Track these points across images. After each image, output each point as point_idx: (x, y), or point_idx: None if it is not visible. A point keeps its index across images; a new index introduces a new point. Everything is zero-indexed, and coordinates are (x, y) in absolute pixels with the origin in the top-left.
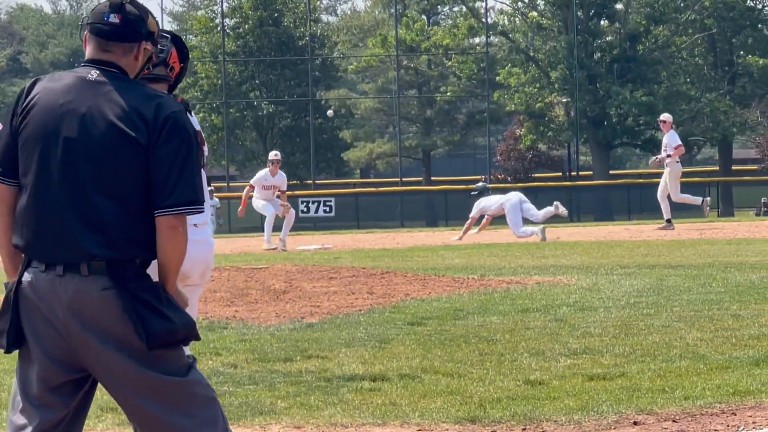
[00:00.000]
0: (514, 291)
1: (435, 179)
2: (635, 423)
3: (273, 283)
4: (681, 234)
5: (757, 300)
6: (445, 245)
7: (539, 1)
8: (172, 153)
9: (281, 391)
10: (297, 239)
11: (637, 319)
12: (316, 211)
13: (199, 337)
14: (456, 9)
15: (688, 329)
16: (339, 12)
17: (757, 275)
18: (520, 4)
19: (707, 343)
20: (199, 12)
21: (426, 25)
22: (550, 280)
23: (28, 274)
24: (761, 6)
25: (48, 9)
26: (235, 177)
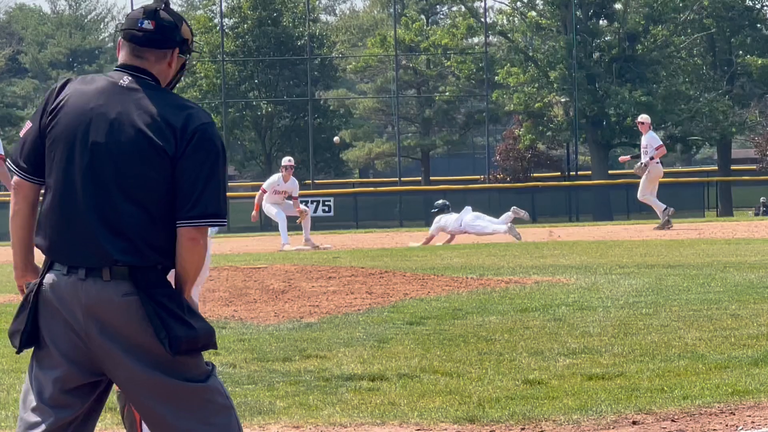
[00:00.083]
0: (513, 290)
1: (434, 179)
2: (634, 422)
3: (272, 283)
4: (680, 234)
5: (756, 300)
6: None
7: (538, 1)
8: (198, 165)
9: (280, 391)
10: (296, 239)
11: (636, 319)
12: (315, 211)
13: (216, 346)
14: (455, 9)
15: (686, 329)
16: (338, 12)
17: (756, 275)
18: (519, 3)
19: (706, 343)
20: (198, 12)
21: (425, 25)
22: (549, 279)
23: (49, 276)
24: (760, 6)
25: (47, 9)
26: (234, 177)
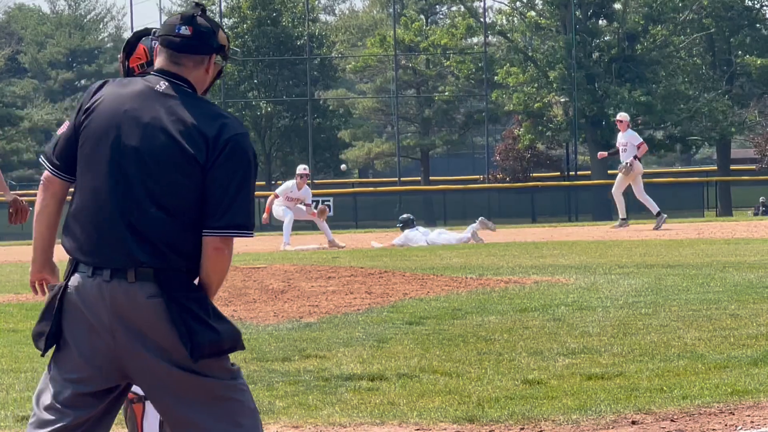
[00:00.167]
0: (512, 290)
1: (433, 179)
2: (633, 422)
3: (271, 283)
4: (679, 234)
5: (756, 299)
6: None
7: (537, 1)
8: (228, 175)
9: (279, 391)
10: (296, 239)
11: (636, 319)
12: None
13: (244, 347)
14: (454, 8)
15: (686, 329)
16: (337, 12)
17: (755, 275)
18: (518, 3)
19: (705, 343)
20: None
21: (424, 25)
22: (548, 279)
23: (74, 278)
24: (759, 5)
25: (46, 9)
26: None
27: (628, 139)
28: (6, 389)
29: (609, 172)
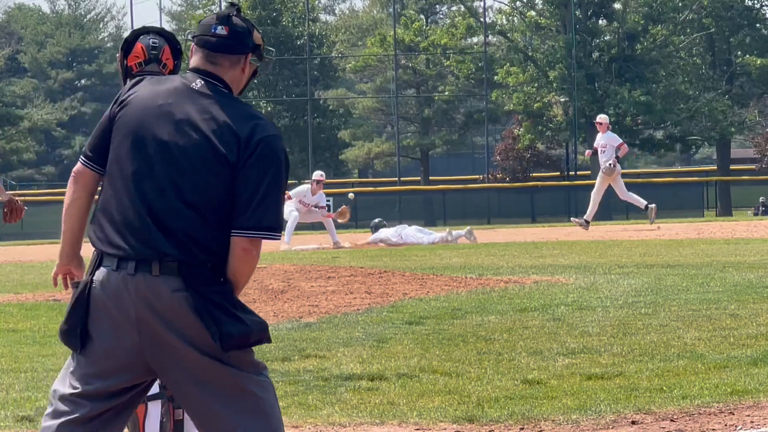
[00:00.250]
0: (512, 290)
1: (433, 179)
2: (633, 422)
3: (271, 283)
4: (679, 233)
5: (755, 299)
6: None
7: (537, 1)
8: (259, 176)
9: (279, 391)
10: (296, 239)
11: (635, 319)
12: None
13: (271, 340)
14: (454, 8)
15: (686, 329)
16: (337, 11)
17: (755, 275)
18: (518, 3)
19: (705, 343)
20: (198, 11)
21: (424, 25)
22: (548, 279)
23: (99, 273)
24: (759, 5)
25: (46, 8)
26: None
27: (607, 141)
28: (6, 389)
29: None
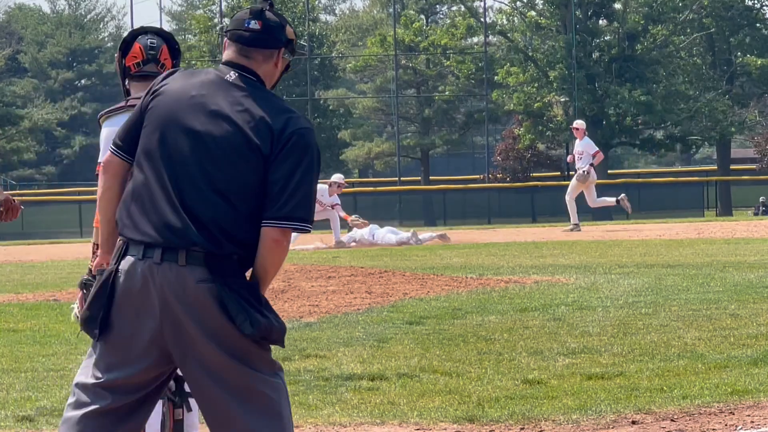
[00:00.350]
0: (512, 290)
1: (433, 178)
2: (633, 422)
3: (271, 283)
4: (679, 233)
5: (756, 299)
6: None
7: (538, 1)
8: (292, 168)
9: None
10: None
11: (636, 319)
12: None
13: (284, 344)
14: (454, 8)
15: (686, 328)
16: (337, 11)
17: (756, 274)
18: (518, 3)
19: (705, 343)
20: (198, 11)
21: (424, 25)
22: (548, 279)
23: (124, 262)
24: (759, 5)
25: (46, 8)
26: None
27: (584, 147)
28: (6, 389)
29: (609, 172)
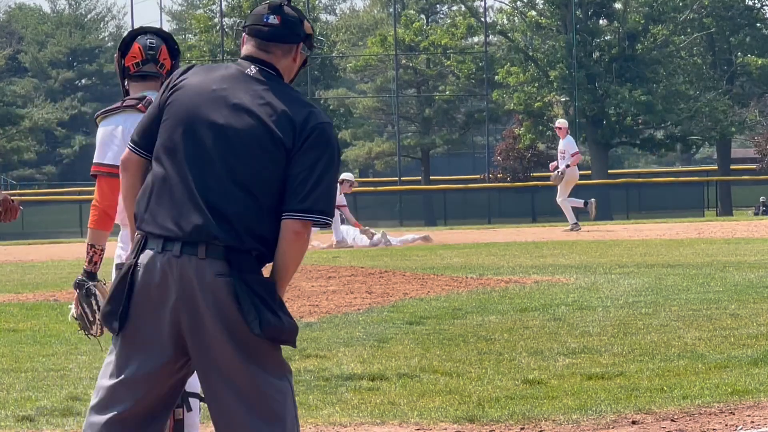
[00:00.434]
0: (512, 290)
1: (434, 178)
2: (634, 422)
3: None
4: (679, 233)
5: (756, 299)
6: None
7: (538, 1)
8: (313, 161)
9: None
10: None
11: (636, 319)
12: None
13: (296, 345)
14: (455, 8)
15: (686, 328)
16: (338, 11)
17: (756, 274)
18: (519, 3)
19: (706, 343)
20: (198, 11)
21: (425, 25)
22: (548, 279)
23: (143, 256)
24: (760, 5)
25: (47, 8)
26: None
27: (565, 147)
28: (6, 389)
29: (609, 171)
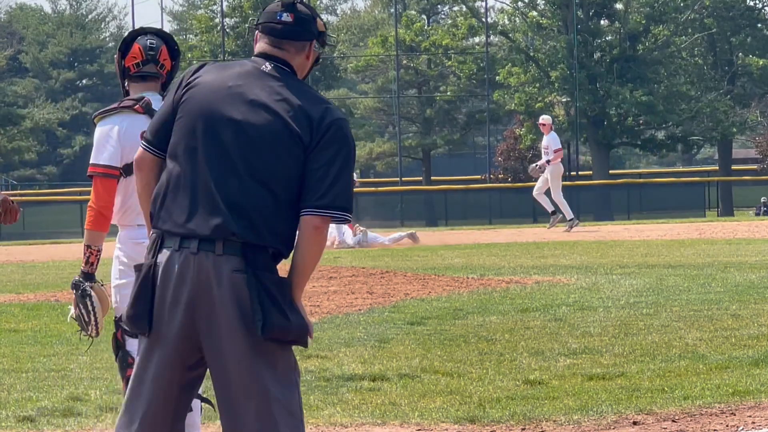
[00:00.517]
0: (513, 290)
1: (435, 179)
2: (635, 423)
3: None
4: (680, 234)
5: (757, 300)
6: (445, 245)
7: (539, 1)
8: (331, 157)
9: None
10: None
11: (637, 319)
12: None
13: (307, 345)
14: (456, 8)
15: (687, 329)
16: (339, 12)
17: (757, 275)
18: (520, 3)
19: (706, 343)
20: (199, 11)
21: (426, 25)
22: (549, 279)
23: (162, 255)
24: (761, 6)
25: (47, 8)
26: None
27: (549, 142)
28: (7, 389)
29: (610, 172)
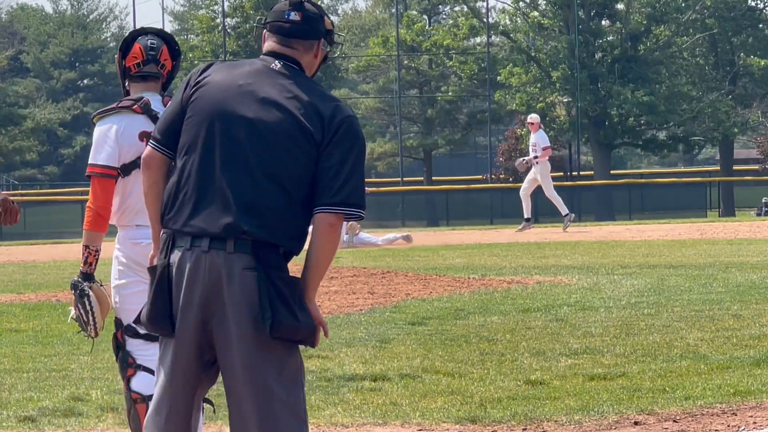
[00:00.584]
0: (515, 291)
1: (436, 179)
2: (636, 423)
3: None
4: (682, 234)
5: (758, 300)
6: (447, 245)
7: (540, 1)
8: (344, 154)
9: None
10: None
11: (638, 319)
12: None
13: (315, 345)
14: (457, 9)
15: (688, 329)
16: (340, 12)
17: (758, 275)
18: (521, 3)
19: (708, 343)
20: (201, 11)
21: (427, 25)
22: (550, 279)
23: (174, 255)
24: (762, 6)
25: (49, 8)
26: None
27: (537, 140)
28: (8, 389)
29: (612, 172)
